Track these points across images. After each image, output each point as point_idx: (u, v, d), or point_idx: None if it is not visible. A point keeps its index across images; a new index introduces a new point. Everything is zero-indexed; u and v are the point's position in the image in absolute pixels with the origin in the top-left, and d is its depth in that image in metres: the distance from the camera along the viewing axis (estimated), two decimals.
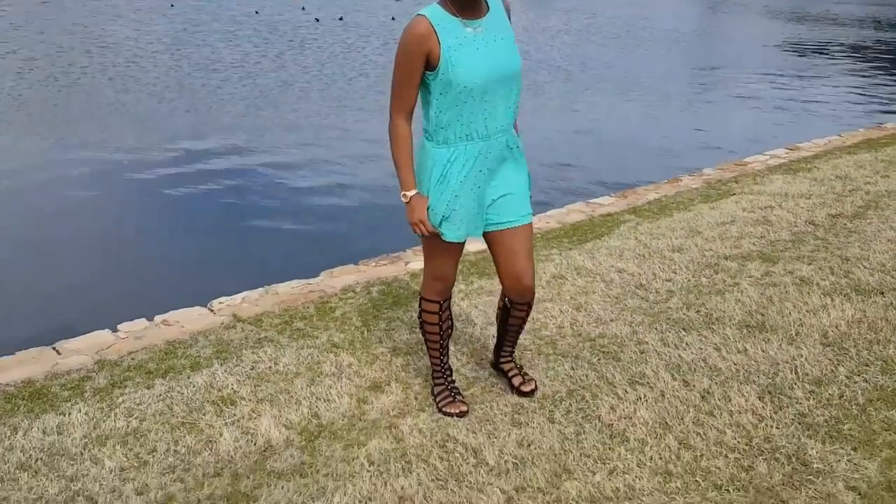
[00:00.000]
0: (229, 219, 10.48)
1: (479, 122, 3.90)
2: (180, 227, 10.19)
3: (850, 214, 7.94)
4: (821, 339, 5.30)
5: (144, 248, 9.34)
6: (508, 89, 3.92)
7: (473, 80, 3.80)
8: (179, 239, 9.72)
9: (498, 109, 3.92)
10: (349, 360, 5.08)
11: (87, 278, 8.39)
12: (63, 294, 7.89)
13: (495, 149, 3.99)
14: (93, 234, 9.80)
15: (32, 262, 8.75)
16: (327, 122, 16.68)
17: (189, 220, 10.50)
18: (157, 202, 11.23)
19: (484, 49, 3.82)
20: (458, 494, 3.77)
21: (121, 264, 8.83)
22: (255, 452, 4.13)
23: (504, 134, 3.99)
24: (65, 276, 8.40)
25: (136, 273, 8.60)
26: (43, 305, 7.61)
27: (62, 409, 4.51)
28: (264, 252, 9.20)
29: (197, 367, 5.01)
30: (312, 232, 10.03)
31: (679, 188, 9.37)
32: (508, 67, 3.88)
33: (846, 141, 12.07)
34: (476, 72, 3.80)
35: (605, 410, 4.48)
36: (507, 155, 4.07)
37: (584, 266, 6.65)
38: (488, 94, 3.85)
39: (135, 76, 21.28)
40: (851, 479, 3.87)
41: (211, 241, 9.70)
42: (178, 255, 9.16)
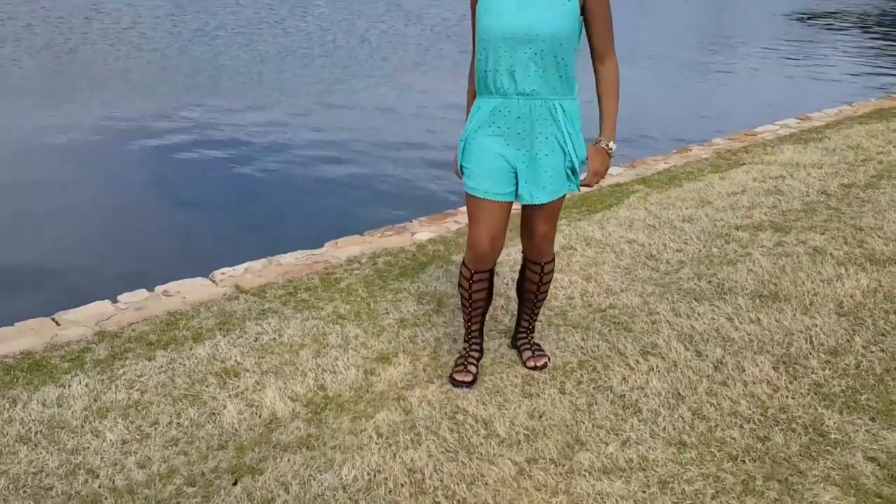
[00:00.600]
0: (232, 188, 10.41)
1: (497, 78, 3.86)
2: (182, 197, 10.12)
3: (862, 184, 7.84)
4: (836, 308, 5.20)
5: (145, 218, 9.27)
6: (535, 52, 3.77)
7: (492, 31, 3.78)
8: (181, 208, 9.65)
9: (520, 69, 3.81)
10: (355, 332, 5.00)
11: (87, 248, 8.31)
12: (62, 264, 7.82)
13: (516, 110, 3.88)
14: (93, 203, 9.72)
15: (31, 232, 8.68)
16: (332, 88, 16.64)
17: (191, 190, 10.43)
18: (158, 171, 11.17)
19: (513, 3, 3.76)
20: (469, 466, 3.69)
21: (121, 234, 8.75)
22: (261, 425, 4.05)
23: (531, 99, 3.86)
24: (64, 246, 8.32)
25: (136, 243, 8.52)
26: (42, 276, 7.53)
27: (62, 381, 4.43)
28: (267, 222, 9.12)
29: (199, 338, 4.93)
30: (317, 202, 9.95)
31: (689, 158, 9.28)
32: (534, 28, 3.73)
33: (857, 111, 11.97)
34: (497, 24, 3.76)
35: (616, 381, 4.39)
36: (541, 125, 3.91)
37: (593, 237, 6.56)
38: (509, 51, 3.78)
39: (135, 42, 21.25)
40: (870, 449, 3.77)
41: (213, 210, 9.62)
42: (179, 225, 9.08)
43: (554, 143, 3.93)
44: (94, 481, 3.64)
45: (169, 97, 15.31)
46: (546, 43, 3.76)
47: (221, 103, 15.06)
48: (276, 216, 9.33)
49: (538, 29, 3.74)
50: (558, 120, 3.91)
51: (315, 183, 10.70)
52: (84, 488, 3.60)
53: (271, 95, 15.72)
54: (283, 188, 10.43)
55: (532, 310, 4.64)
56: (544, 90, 3.86)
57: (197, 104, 14.92)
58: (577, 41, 3.90)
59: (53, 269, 7.71)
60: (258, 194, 10.17)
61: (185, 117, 13.92)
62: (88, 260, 7.98)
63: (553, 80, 3.85)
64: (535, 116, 3.88)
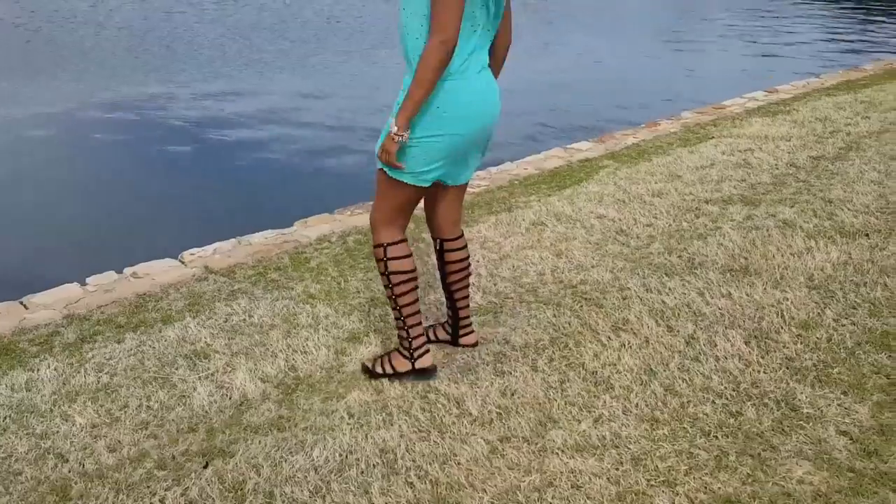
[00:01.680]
0: (200, 168, 10.37)
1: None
2: (149, 177, 10.06)
3: (831, 156, 7.86)
4: (806, 282, 5.21)
5: (112, 199, 9.20)
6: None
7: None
8: (149, 189, 9.59)
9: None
10: (326, 312, 4.97)
11: (54, 230, 8.25)
12: (30, 247, 7.76)
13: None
14: (59, 184, 9.66)
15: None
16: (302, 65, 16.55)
17: (158, 170, 10.38)
18: (125, 151, 11.10)
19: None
20: (441, 445, 3.67)
21: (88, 215, 8.69)
22: (231, 407, 4.02)
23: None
24: (31, 228, 8.27)
25: (104, 225, 8.46)
26: (9, 259, 7.46)
27: (31, 365, 4.39)
28: (237, 202, 9.08)
29: (169, 320, 4.89)
30: (286, 181, 9.91)
31: (657, 132, 9.28)
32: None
33: (825, 83, 12.00)
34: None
35: (588, 358, 4.38)
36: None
37: (563, 212, 6.55)
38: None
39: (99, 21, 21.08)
40: (842, 423, 3.77)
41: (181, 190, 9.56)
42: (147, 206, 9.02)
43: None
44: (63, 466, 3.61)
45: (134, 77, 15.23)
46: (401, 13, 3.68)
47: (188, 83, 15.00)
48: (246, 196, 9.29)
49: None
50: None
51: (284, 162, 10.67)
52: (54, 473, 3.56)
53: (238, 74, 15.64)
54: (252, 167, 10.39)
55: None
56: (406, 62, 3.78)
57: (163, 84, 14.85)
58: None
59: (21, 252, 7.64)
60: (227, 174, 10.12)
61: (152, 98, 13.85)
62: (56, 243, 7.92)
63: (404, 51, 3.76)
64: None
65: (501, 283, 5.36)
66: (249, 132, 11.99)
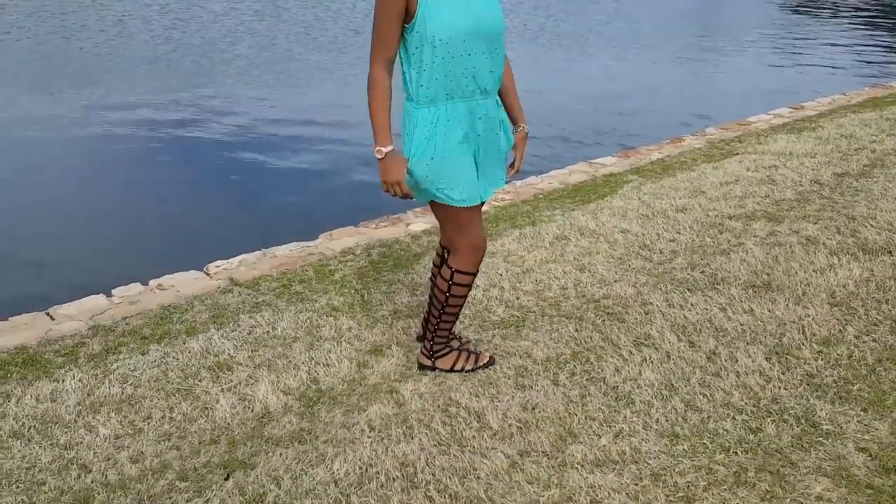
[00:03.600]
0: (226, 180, 10.40)
1: (456, 81, 3.73)
2: (175, 189, 10.10)
3: (855, 173, 7.85)
4: (828, 298, 5.20)
5: (139, 211, 9.24)
6: (494, 46, 3.77)
7: (457, 29, 3.63)
8: (175, 201, 9.63)
9: (481, 68, 3.76)
10: (349, 324, 5.00)
11: (81, 242, 8.31)
12: (56, 259, 7.82)
13: (486, 110, 3.87)
14: (86, 196, 9.71)
15: (25, 227, 8.66)
16: (325, 77, 16.62)
17: (185, 182, 10.42)
18: (152, 164, 11.15)
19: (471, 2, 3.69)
20: (461, 459, 3.69)
21: (115, 227, 8.74)
22: (253, 419, 4.05)
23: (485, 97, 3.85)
24: (58, 240, 8.32)
25: (130, 236, 8.51)
26: (36, 270, 7.53)
27: (56, 376, 4.43)
28: (262, 214, 9.12)
29: (193, 332, 4.93)
30: (311, 193, 9.95)
31: (682, 148, 9.29)
32: (497, 21, 3.75)
33: (851, 100, 11.97)
34: (462, 21, 3.63)
35: (609, 372, 4.39)
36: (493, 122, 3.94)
37: (587, 227, 6.56)
38: (470, 50, 3.70)
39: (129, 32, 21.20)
40: (862, 440, 3.78)
41: (207, 203, 9.61)
42: (173, 218, 9.07)
43: (502, 136, 4.03)
44: (86, 476, 3.65)
45: (163, 88, 15.28)
46: (500, 37, 3.81)
47: (213, 94, 15.04)
48: (271, 208, 9.33)
49: (500, 21, 3.77)
50: (502, 114, 4.01)
51: (309, 174, 10.71)
52: (77, 483, 3.60)
53: (264, 85, 15.70)
54: (277, 180, 10.43)
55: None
56: (496, 85, 3.89)
57: (190, 95, 14.89)
58: None
59: (48, 263, 7.70)
60: (253, 186, 10.17)
61: (179, 109, 13.90)
62: (83, 254, 7.98)
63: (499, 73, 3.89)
64: (490, 113, 3.90)
65: (524, 297, 5.38)
66: (277, 144, 12.03)
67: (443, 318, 4.31)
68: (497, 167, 4.06)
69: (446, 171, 3.82)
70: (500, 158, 4.06)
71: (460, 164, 3.85)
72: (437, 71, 3.71)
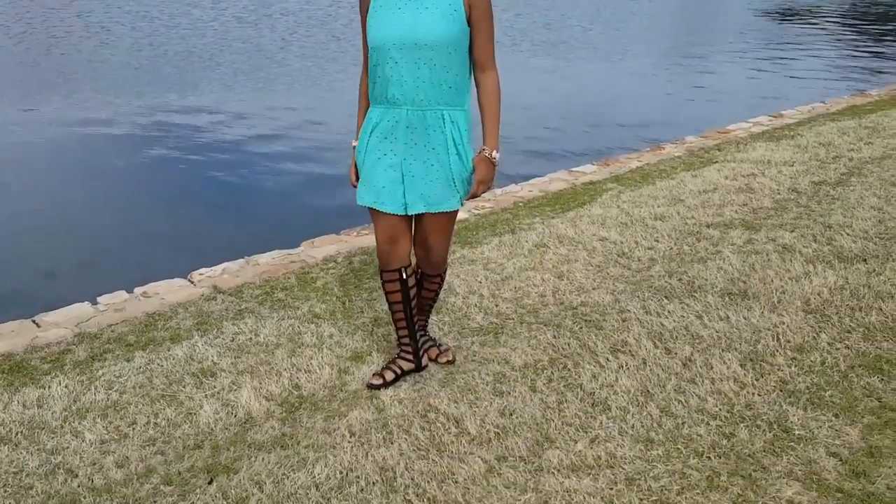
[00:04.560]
0: (209, 189, 10.45)
1: (384, 87, 3.91)
2: (160, 198, 10.15)
3: (833, 181, 7.95)
4: (803, 306, 5.29)
5: (124, 219, 9.29)
6: (418, 60, 3.82)
7: (377, 41, 3.84)
8: (159, 209, 9.69)
9: (405, 78, 3.85)
10: (330, 331, 5.07)
11: (66, 250, 8.34)
12: (42, 267, 7.86)
13: (405, 120, 3.93)
14: (71, 205, 9.74)
15: (10, 235, 8.70)
16: (307, 85, 16.66)
17: (169, 191, 10.47)
18: (136, 172, 11.19)
19: (403, 14, 3.80)
20: (440, 464, 3.76)
21: (100, 236, 8.78)
22: (236, 424, 4.11)
23: (419, 108, 3.90)
24: (44, 248, 8.35)
25: (115, 244, 8.55)
26: (22, 278, 7.57)
27: (42, 383, 4.49)
28: (245, 223, 9.17)
29: (177, 339, 4.99)
30: (293, 202, 10.00)
31: (661, 156, 9.38)
32: (420, 37, 3.78)
33: (830, 108, 12.08)
34: (381, 34, 3.82)
35: (586, 379, 4.47)
36: (430, 135, 3.95)
37: (566, 234, 6.64)
38: (394, 60, 3.82)
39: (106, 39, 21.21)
40: (832, 445, 3.86)
41: (191, 211, 9.67)
42: (158, 226, 9.12)
43: (442, 154, 3.97)
44: (73, 481, 3.70)
45: (143, 96, 15.31)
46: (436, 50, 3.81)
47: (194, 102, 15.08)
48: (254, 216, 9.38)
49: (428, 36, 3.78)
50: (446, 131, 3.94)
51: (291, 182, 10.76)
52: (63, 488, 3.66)
53: (245, 94, 15.73)
54: (259, 188, 10.48)
55: (428, 310, 4.72)
56: (433, 99, 3.89)
57: (171, 103, 14.93)
58: (468, 51, 3.94)
59: (33, 271, 7.74)
60: (236, 195, 10.21)
61: (163, 118, 13.93)
62: (68, 262, 8.01)
63: (443, 89, 3.89)
64: (424, 125, 3.93)
65: (503, 304, 5.45)
66: (260, 153, 12.08)
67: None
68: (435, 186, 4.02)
69: (364, 166, 4.09)
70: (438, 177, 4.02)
71: (376, 169, 4.03)
72: (373, 74, 3.96)
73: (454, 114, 3.94)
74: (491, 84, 4.01)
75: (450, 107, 3.92)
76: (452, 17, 3.80)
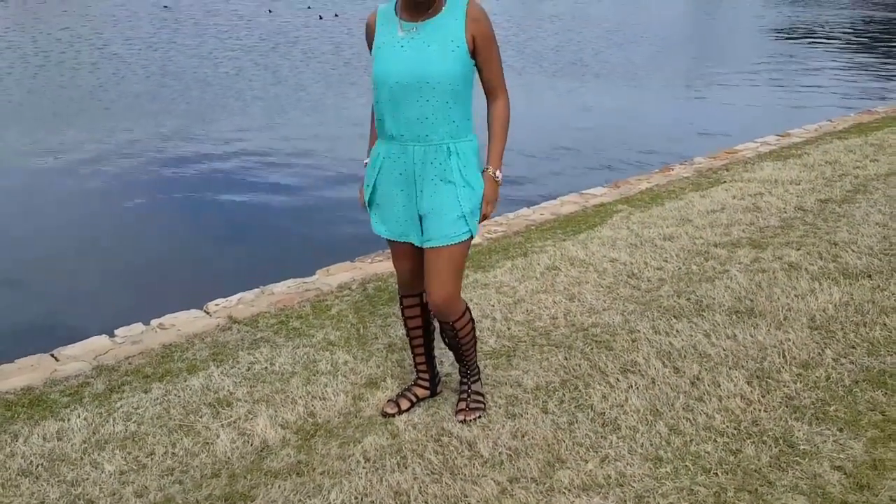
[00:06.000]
0: (224, 219, 10.54)
1: (388, 122, 3.95)
2: (175, 229, 10.23)
3: (839, 199, 8.01)
4: (808, 322, 5.36)
5: (139, 252, 9.37)
6: (421, 97, 3.84)
7: (381, 78, 3.89)
8: (175, 241, 9.77)
9: (410, 115, 3.88)
10: (345, 358, 5.14)
11: (84, 284, 8.43)
12: (60, 301, 7.96)
13: (411, 156, 3.96)
14: (87, 238, 9.82)
15: (27, 270, 8.79)
16: (319, 116, 16.77)
17: (184, 221, 10.55)
18: (150, 205, 11.26)
19: (406, 52, 3.84)
20: (453, 487, 3.83)
21: (116, 269, 8.86)
22: (252, 453, 4.19)
23: (422, 144, 3.93)
24: (61, 282, 8.45)
25: (131, 277, 8.65)
26: (40, 313, 7.66)
27: (62, 415, 4.57)
28: (260, 252, 9.25)
29: (193, 369, 5.07)
30: (308, 230, 10.10)
31: (670, 177, 9.45)
32: (425, 74, 3.80)
33: (837, 126, 12.13)
34: (385, 70, 3.86)
35: (597, 399, 4.54)
36: (434, 169, 3.97)
37: (577, 256, 6.72)
38: (397, 97, 3.86)
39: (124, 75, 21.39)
40: (837, 458, 3.93)
41: (206, 241, 9.77)
42: (174, 257, 9.22)
43: (449, 187, 3.97)
44: None
45: (157, 129, 15.39)
46: (440, 88, 3.82)
47: (209, 133, 15.16)
48: (269, 245, 9.45)
49: (432, 73, 3.80)
50: (451, 164, 3.95)
51: (306, 210, 10.84)
52: None
53: (258, 126, 15.82)
54: (274, 217, 10.57)
55: (460, 359, 4.54)
56: (438, 134, 3.91)
57: (185, 133, 15.01)
58: (471, 83, 3.97)
59: (51, 306, 7.84)
60: (251, 224, 10.30)
61: (174, 150, 14.00)
62: (85, 296, 8.11)
63: (447, 123, 3.91)
64: (430, 160, 3.94)
65: (515, 327, 5.53)
66: (273, 182, 12.16)
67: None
68: (445, 219, 4.01)
69: (374, 200, 4.18)
70: (448, 210, 4.01)
71: (386, 200, 4.12)
72: (378, 109, 4.02)
73: (459, 145, 3.96)
74: (500, 108, 4.07)
75: (454, 139, 3.94)
76: (456, 53, 3.82)
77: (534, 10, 36.75)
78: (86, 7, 40.21)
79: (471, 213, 4.02)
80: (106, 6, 39.22)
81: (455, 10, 3.86)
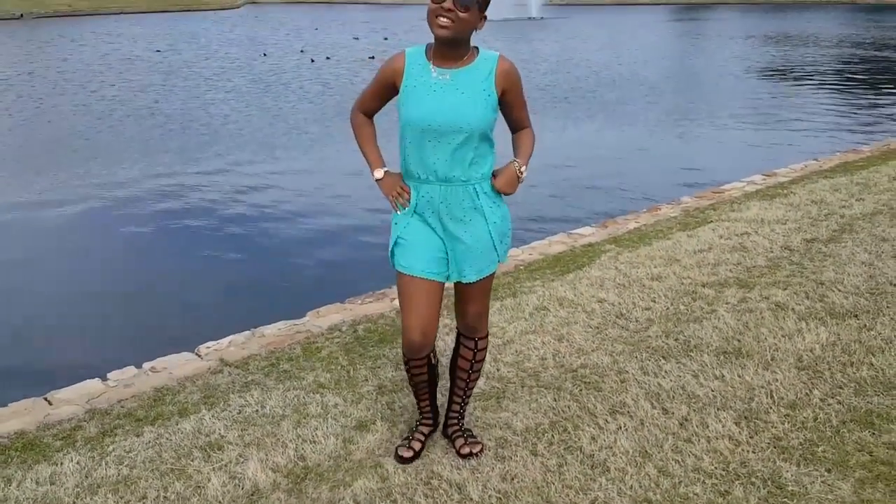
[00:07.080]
0: (214, 262, 10.55)
1: (417, 164, 4.02)
2: (166, 272, 10.27)
3: (825, 238, 8.07)
4: (795, 363, 5.41)
5: (132, 295, 9.41)
6: (452, 141, 3.91)
7: (413, 120, 3.93)
8: (166, 283, 9.80)
9: (439, 158, 3.95)
10: (335, 401, 5.17)
11: (76, 327, 8.47)
12: (52, 345, 7.99)
13: (440, 195, 4.04)
14: (79, 281, 9.86)
15: (19, 314, 8.82)
16: (310, 158, 16.83)
17: (174, 265, 10.58)
18: (140, 248, 11.30)
19: (439, 96, 3.91)
20: None
21: (109, 312, 8.90)
22: (243, 496, 4.21)
23: (450, 184, 4.00)
24: (53, 326, 8.48)
25: (124, 320, 8.69)
26: (33, 356, 7.70)
27: (54, 459, 4.58)
28: (250, 294, 9.30)
29: (185, 413, 5.10)
30: (299, 271, 10.14)
31: (658, 217, 9.51)
32: (459, 121, 3.87)
33: (823, 165, 12.20)
34: (419, 114, 3.91)
35: (586, 441, 4.58)
36: (462, 210, 4.06)
37: (565, 297, 6.76)
38: (428, 140, 3.93)
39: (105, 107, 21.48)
40: (825, 500, 3.97)
41: (197, 284, 9.80)
42: (165, 300, 9.26)
43: (480, 223, 4.08)
44: None
45: (148, 172, 15.41)
46: (472, 133, 3.91)
47: (199, 176, 15.19)
48: (260, 287, 9.49)
49: (467, 120, 3.88)
50: (479, 202, 4.05)
51: (296, 252, 10.87)
52: None
53: (250, 167, 15.86)
54: (265, 259, 10.61)
55: (464, 391, 4.61)
56: (465, 175, 3.99)
57: (175, 177, 15.04)
58: (494, 127, 4.06)
59: (44, 350, 7.87)
60: (241, 266, 10.34)
61: (165, 192, 14.02)
62: (79, 339, 8.14)
63: (473, 165, 4.00)
64: (457, 200, 4.03)
65: (504, 368, 5.56)
66: (263, 224, 12.18)
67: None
68: (477, 253, 4.11)
69: (407, 237, 4.15)
70: (480, 245, 4.11)
71: (416, 241, 4.13)
72: (405, 150, 4.07)
73: (484, 185, 4.07)
74: (530, 132, 4.24)
75: (478, 181, 4.04)
76: (487, 101, 3.92)
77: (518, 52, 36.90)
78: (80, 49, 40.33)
79: (500, 242, 4.18)
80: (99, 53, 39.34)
81: (487, 62, 3.96)
